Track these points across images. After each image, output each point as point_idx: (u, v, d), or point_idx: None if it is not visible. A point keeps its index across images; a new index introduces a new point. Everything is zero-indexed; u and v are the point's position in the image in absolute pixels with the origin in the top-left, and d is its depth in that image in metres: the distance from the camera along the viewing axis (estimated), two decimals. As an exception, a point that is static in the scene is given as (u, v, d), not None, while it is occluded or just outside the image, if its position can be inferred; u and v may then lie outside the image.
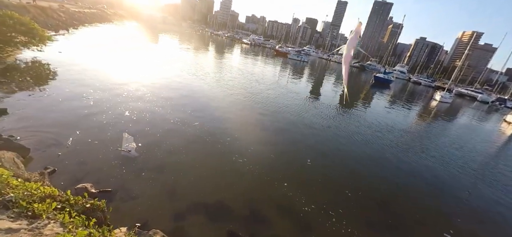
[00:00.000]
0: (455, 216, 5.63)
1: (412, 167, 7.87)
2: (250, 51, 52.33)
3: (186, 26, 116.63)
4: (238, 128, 7.78)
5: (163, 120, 7.17)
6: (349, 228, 4.42)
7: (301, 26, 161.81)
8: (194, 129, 7.02)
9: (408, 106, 21.70)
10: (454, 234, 4.96)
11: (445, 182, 7.38)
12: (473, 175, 8.39)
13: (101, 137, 5.57)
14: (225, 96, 11.15)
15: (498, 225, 5.76)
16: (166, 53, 22.51)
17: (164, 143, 5.93)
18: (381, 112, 15.99)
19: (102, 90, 8.43)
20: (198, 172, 5.14)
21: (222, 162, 5.70)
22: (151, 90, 9.58)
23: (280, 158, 6.40)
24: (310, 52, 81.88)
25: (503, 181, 8.41)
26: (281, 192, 5.05)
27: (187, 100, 9.38)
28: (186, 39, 46.25)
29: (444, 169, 8.26)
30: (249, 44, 76.91)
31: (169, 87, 10.68)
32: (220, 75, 16.37)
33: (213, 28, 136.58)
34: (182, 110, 8.27)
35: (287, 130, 8.66)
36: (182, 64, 17.11)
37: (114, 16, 62.81)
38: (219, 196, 4.55)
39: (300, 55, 52.67)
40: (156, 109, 7.88)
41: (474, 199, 6.70)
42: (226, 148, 6.32)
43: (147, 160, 5.13)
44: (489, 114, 31.33)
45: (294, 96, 14.52)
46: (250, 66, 25.86)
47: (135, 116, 7.01)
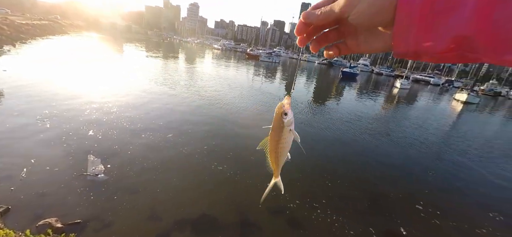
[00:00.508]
0: (423, 189, 6.10)
1: (381, 150, 8.41)
2: (221, 56, 51.94)
3: (153, 34, 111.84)
4: (214, 135, 7.60)
5: (133, 135, 6.71)
6: (334, 216, 4.54)
7: (270, 28, 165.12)
8: (168, 141, 6.68)
9: (374, 95, 23.26)
10: (423, 204, 5.34)
11: (411, 159, 8.03)
12: (434, 149, 9.26)
13: (62, 163, 5.02)
14: (198, 104, 10.84)
15: (459, 190, 6.38)
16: (132, 64, 21.27)
17: (136, 160, 5.53)
18: (350, 103, 16.91)
19: (59, 110, 7.64)
20: (177, 186, 4.88)
21: (201, 172, 5.50)
22: (117, 104, 8.93)
23: (260, 160, 6.36)
24: (280, 53, 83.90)
25: (458, 150, 9.37)
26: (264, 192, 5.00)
27: (158, 112, 8.91)
28: (153, 47, 44.30)
29: (409, 147, 8.96)
30: (220, 49, 76.45)
31: (138, 99, 10.06)
32: (192, 82, 15.92)
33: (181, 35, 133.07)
34: (153, 122, 7.84)
35: (263, 130, 8.67)
36: (150, 74, 16.29)
37: (70, 27, 58.02)
38: (203, 208, 4.36)
39: (272, 56, 53.83)
40: (124, 124, 7.35)
41: (438, 171, 7.33)
42: (204, 157, 6.12)
43: (118, 182, 4.73)
44: (441, 95, 35.14)
45: (268, 97, 14.68)
46: (223, 71, 25.62)
47: (100, 134, 6.45)
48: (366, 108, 15.77)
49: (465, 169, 7.87)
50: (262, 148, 0.95)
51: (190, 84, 15.03)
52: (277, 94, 16.14)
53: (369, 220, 4.65)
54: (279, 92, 17.66)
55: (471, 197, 6.28)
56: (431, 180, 6.78)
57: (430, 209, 5.19)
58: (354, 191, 5.61)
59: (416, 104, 22.36)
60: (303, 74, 35.78)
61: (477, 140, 11.77)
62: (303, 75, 33.65)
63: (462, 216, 5.22)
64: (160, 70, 19.39)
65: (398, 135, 10.55)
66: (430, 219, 4.94)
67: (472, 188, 6.79)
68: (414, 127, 12.51)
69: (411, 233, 4.45)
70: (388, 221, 4.74)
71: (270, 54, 59.49)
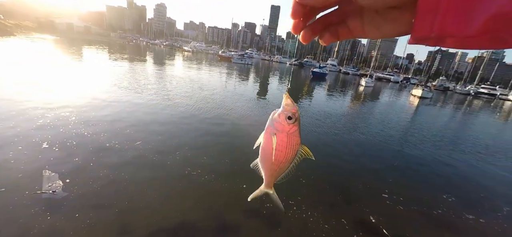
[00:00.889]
0: (387, 178, 6.61)
1: (349, 144, 8.94)
2: (192, 58, 50.61)
3: (116, 36, 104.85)
4: (186, 140, 7.36)
5: (96, 145, 6.19)
6: (309, 211, 4.68)
7: (241, 30, 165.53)
8: (136, 149, 6.29)
9: (342, 93, 24.66)
10: (389, 192, 5.78)
11: (376, 151, 8.65)
12: (396, 141, 10.11)
13: (10, 182, 4.43)
14: (168, 108, 10.41)
15: (417, 176, 7.03)
16: (93, 68, 19.67)
17: (101, 172, 5.11)
18: (321, 102, 17.71)
19: (4, 120, 6.75)
20: (150, 196, 4.61)
21: (175, 179, 5.27)
22: (76, 112, 8.18)
23: (234, 162, 6.33)
24: (253, 55, 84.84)
25: (415, 140, 10.34)
26: (242, 195, 4.97)
27: (123, 118, 8.35)
28: (117, 50, 41.49)
29: (374, 140, 9.66)
30: (191, 52, 74.59)
31: (101, 105, 9.33)
32: (160, 86, 15.24)
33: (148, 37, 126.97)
34: (119, 130, 7.32)
35: (236, 132, 8.65)
36: (114, 78, 15.21)
37: (16, 29, 51.75)
38: (179, 216, 4.18)
39: (244, 58, 54.09)
40: (85, 133, 6.75)
41: (400, 161, 8.00)
42: (177, 163, 5.89)
43: (81, 197, 4.32)
44: (401, 91, 38.57)
45: (240, 98, 14.67)
46: (194, 73, 24.98)
47: (57, 146, 5.84)
48: (335, 106, 16.64)
49: (422, 157, 8.69)
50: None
51: (158, 88, 14.36)
52: (251, 96, 16.21)
53: (341, 212, 4.89)
54: (253, 93, 17.76)
55: (428, 182, 6.95)
56: (394, 169, 7.36)
57: (394, 197, 5.62)
58: (326, 185, 5.85)
59: (379, 100, 24.27)
60: (276, 75, 36.48)
61: (431, 131, 13.09)
62: (275, 76, 34.30)
63: (421, 200, 5.73)
64: (126, 74, 18.23)
65: (364, 130, 11.30)
66: (394, 205, 5.34)
67: (428, 173, 7.52)
68: (378, 121, 13.52)
69: (379, 220, 4.76)
70: (358, 211, 5.03)
71: (243, 56, 59.76)
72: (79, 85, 12.47)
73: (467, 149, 10.37)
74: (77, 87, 11.89)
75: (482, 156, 9.69)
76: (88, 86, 12.54)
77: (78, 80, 13.81)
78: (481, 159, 9.32)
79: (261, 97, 16.54)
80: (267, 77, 32.50)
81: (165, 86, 15.52)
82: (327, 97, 20.57)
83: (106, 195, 4.47)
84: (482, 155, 9.82)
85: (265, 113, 11.85)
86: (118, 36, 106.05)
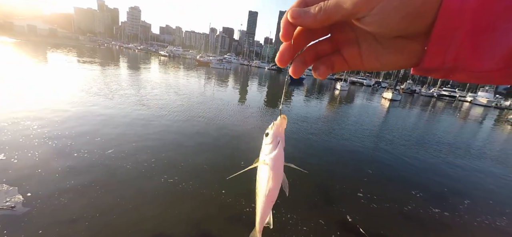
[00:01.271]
0: (362, 177, 6.93)
1: (325, 146, 9.28)
2: (169, 63, 49.30)
3: (86, 39, 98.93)
4: (161, 146, 7.10)
5: (61, 155, 5.74)
6: (288, 214, 4.74)
7: (220, 35, 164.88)
8: (108, 158, 5.94)
9: (318, 97, 25.58)
10: (363, 191, 6.07)
11: (351, 152, 9.04)
12: (369, 142, 10.67)
13: (-42, 200, 3.94)
14: (141, 114, 10.01)
15: (388, 175, 7.47)
16: (58, 73, 18.31)
17: (68, 184, 4.74)
18: (298, 105, 18.19)
19: (-46, 134, 6.02)
20: (123, 206, 4.36)
21: (151, 188, 5.05)
22: (40, 121, 7.53)
23: (212, 167, 6.25)
24: (231, 60, 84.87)
25: (386, 141, 11.01)
26: (221, 201, 4.91)
27: (93, 126, 7.86)
28: (87, 55, 39.07)
29: (349, 142, 10.10)
30: (167, 56, 72.63)
31: (66, 113, 8.68)
32: (134, 91, 14.61)
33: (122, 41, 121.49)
34: (88, 138, 6.87)
35: (216, 137, 8.55)
36: (82, 84, 14.27)
37: (-34, 32, 46.51)
38: (157, 227, 4.00)
39: (223, 63, 53.90)
40: (49, 143, 6.24)
41: (373, 161, 8.45)
42: (153, 171, 5.65)
43: (44, 212, 3.96)
44: (373, 94, 40.96)
45: (219, 103, 14.58)
46: (171, 78, 24.35)
47: (15, 158, 5.32)
48: (312, 110, 17.18)
49: (392, 157, 9.26)
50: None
51: (131, 93, 13.74)
52: (231, 100, 16.15)
53: (319, 213, 5.02)
54: (233, 98, 17.70)
55: (397, 180, 7.40)
56: (368, 169, 7.74)
57: (369, 195, 5.91)
58: (304, 187, 5.98)
59: (354, 103, 25.57)
60: (255, 80, 36.79)
61: (400, 132, 14.02)
62: (254, 81, 34.59)
63: (391, 197, 6.08)
64: (96, 79, 17.20)
65: (339, 132, 11.78)
66: (369, 204, 5.61)
67: (398, 172, 8.02)
68: (352, 123, 14.19)
69: (355, 218, 4.97)
70: (335, 211, 5.20)
71: (221, 61, 59.41)
72: (42, 91, 11.52)
73: (432, 148, 11.24)
74: (39, 94, 10.97)
75: (445, 155, 10.56)
76: (52, 92, 11.63)
77: (40, 86, 12.75)
78: (444, 157, 10.15)
79: (241, 101, 16.57)
80: (246, 81, 32.66)
81: (139, 91, 14.91)
82: (304, 101, 21.19)
83: (74, 208, 4.15)
84: (444, 153, 10.71)
85: (244, 117, 11.88)
86: (88, 39, 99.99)
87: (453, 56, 0.29)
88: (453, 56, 0.29)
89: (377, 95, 39.57)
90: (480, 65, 0.28)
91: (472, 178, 8.41)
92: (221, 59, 67.18)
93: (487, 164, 10.03)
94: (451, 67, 0.30)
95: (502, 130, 21.96)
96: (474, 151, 11.74)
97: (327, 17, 0.32)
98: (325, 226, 4.64)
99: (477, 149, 12.28)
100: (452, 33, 0.28)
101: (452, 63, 0.30)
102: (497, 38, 0.27)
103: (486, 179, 8.39)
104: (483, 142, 14.78)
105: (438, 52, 0.30)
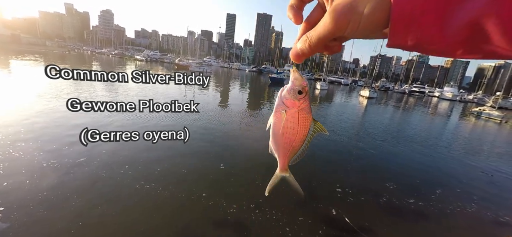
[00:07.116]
0: (340, 172, 7.12)
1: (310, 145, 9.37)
2: (146, 67, 47.57)
3: (54, 45, 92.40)
4: (136, 152, 6.71)
5: (32, 166, 5.23)
6: (272, 212, 4.69)
7: (198, 38, 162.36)
8: (80, 166, 5.52)
9: (299, 97, 26.06)
10: (341, 185, 6.17)
11: (330, 149, 9.21)
12: (349, 138, 10.99)
13: None
14: (117, 120, 9.48)
15: (364, 169, 7.72)
16: (23, 80, 16.87)
17: (40, 196, 4.31)
18: (281, 106, 18.37)
19: None
20: (102, 215, 4.03)
21: (127, 196, 4.74)
22: (6, 132, 6.83)
23: (191, 170, 6.05)
24: (211, 63, 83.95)
25: (365, 137, 11.45)
26: (202, 204, 4.74)
27: (64, 134, 7.28)
28: (56, 61, 36.49)
29: (329, 139, 10.30)
30: (144, 61, 70.06)
31: (37, 123, 7.98)
32: (106, 97, 13.84)
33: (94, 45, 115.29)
34: (61, 147, 6.36)
35: (194, 140, 8.32)
36: (50, 91, 13.23)
37: None
38: (139, 234, 3.75)
39: (202, 66, 53.09)
40: (17, 155, 5.67)
41: (353, 156, 8.70)
42: (127, 177, 5.33)
43: (21, 228, 3.54)
44: (351, 93, 42.66)
45: (200, 107, 14.26)
46: (149, 84, 23.41)
47: (-31, 175, 4.75)
48: (294, 109, 17.43)
49: (370, 152, 9.61)
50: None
51: (104, 99, 12.98)
52: (213, 102, 15.90)
53: (302, 210, 5.02)
54: (215, 100, 17.45)
55: (374, 174, 7.62)
56: (347, 164, 7.96)
57: (347, 189, 6.03)
58: (286, 186, 5.97)
59: (333, 102, 26.41)
60: (236, 81, 36.66)
61: (377, 127, 14.64)
62: (236, 83, 34.46)
63: (368, 190, 6.24)
64: (65, 87, 16.06)
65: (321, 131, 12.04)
66: (345, 198, 5.72)
67: (374, 166, 8.29)
68: (333, 121, 14.56)
69: (338, 212, 5.05)
70: (318, 207, 5.24)
71: (201, 64, 58.51)
72: (5, 99, 10.51)
73: (406, 141, 11.85)
74: (2, 102, 9.99)
75: (417, 146, 11.17)
76: (18, 100, 10.64)
77: (3, 94, 11.64)
78: (416, 149, 10.73)
79: (222, 104, 16.37)
80: (227, 86, 32.43)
81: (112, 97, 14.16)
82: (286, 101, 21.49)
83: (51, 220, 3.77)
84: (417, 145, 11.33)
85: (230, 119, 11.71)
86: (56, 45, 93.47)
87: (414, 33, 0.33)
88: (414, 34, 0.33)
89: (355, 93, 41.23)
90: (440, 38, 0.32)
91: (442, 167, 8.95)
92: (201, 62, 66.11)
93: (456, 154, 10.78)
94: (414, 44, 0.34)
95: (468, 122, 23.87)
96: (442, 143, 12.57)
97: (316, 47, 0.42)
98: (309, 221, 4.65)
99: (445, 141, 13.18)
100: (409, 14, 0.32)
101: (414, 41, 0.34)
102: (456, 8, 0.29)
103: (454, 168, 8.99)
104: (451, 134, 15.94)
105: (398, 32, 0.34)
